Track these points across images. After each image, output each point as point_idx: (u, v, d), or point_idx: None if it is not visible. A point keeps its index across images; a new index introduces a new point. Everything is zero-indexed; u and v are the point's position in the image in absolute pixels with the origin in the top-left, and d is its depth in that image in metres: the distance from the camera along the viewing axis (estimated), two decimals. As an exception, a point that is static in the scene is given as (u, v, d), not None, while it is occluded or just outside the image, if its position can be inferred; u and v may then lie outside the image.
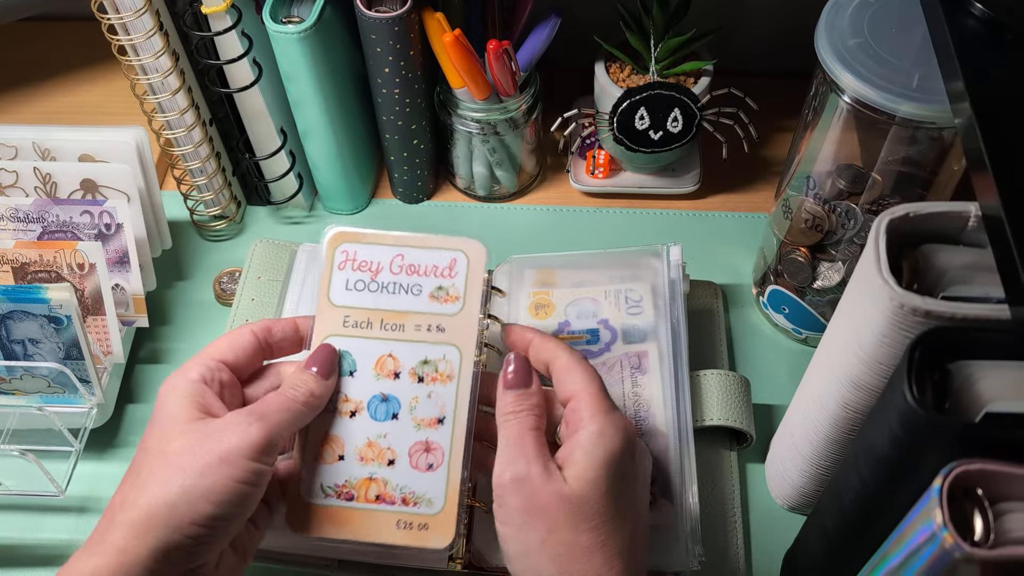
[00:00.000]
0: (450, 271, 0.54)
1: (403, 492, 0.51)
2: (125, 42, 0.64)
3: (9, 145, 0.69)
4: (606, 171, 0.78)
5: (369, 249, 0.55)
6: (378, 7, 0.67)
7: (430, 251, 0.55)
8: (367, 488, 0.51)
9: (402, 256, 0.55)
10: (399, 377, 0.53)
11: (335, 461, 0.51)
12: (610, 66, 0.74)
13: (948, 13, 0.45)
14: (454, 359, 0.53)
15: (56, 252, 0.63)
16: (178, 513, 0.44)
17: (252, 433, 0.46)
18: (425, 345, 0.53)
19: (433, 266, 0.54)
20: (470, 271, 0.54)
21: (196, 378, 0.48)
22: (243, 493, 0.45)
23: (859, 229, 0.61)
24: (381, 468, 0.51)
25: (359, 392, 0.52)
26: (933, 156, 0.57)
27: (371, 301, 0.54)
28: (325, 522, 0.51)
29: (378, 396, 0.52)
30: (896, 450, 0.40)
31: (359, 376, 0.53)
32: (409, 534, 0.51)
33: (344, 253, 0.55)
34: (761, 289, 0.70)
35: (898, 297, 0.42)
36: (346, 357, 0.53)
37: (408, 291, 0.54)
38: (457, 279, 0.54)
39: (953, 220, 0.46)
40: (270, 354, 0.53)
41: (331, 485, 0.51)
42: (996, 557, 0.36)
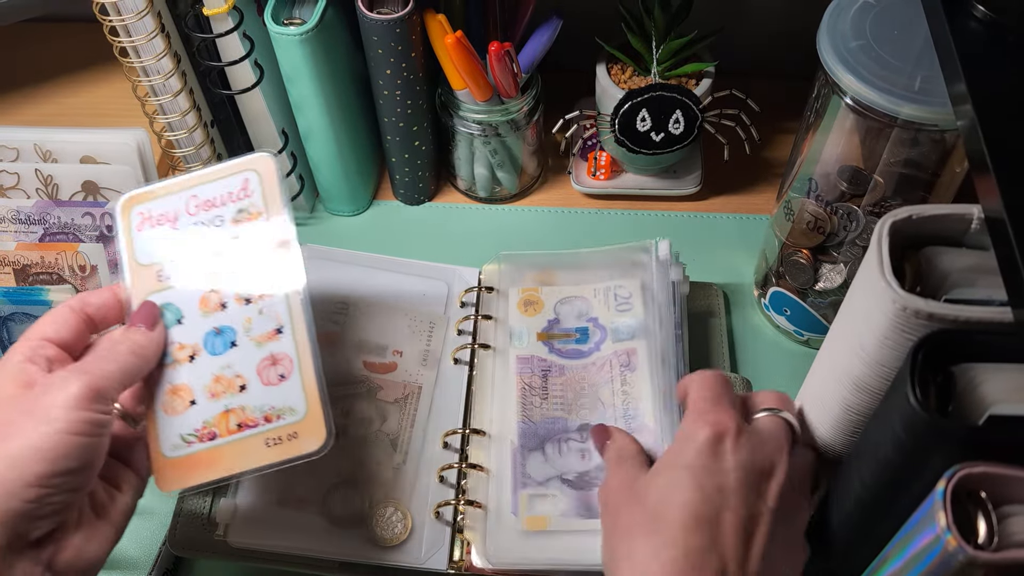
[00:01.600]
0: (245, 191, 0.54)
1: (263, 411, 0.51)
2: (127, 44, 0.64)
3: (11, 147, 0.69)
4: (607, 173, 0.78)
5: (161, 203, 0.55)
6: (380, 9, 0.67)
7: (219, 181, 0.55)
8: (227, 420, 0.51)
9: (195, 196, 0.55)
10: (226, 307, 0.52)
11: (187, 408, 0.51)
12: (612, 68, 0.74)
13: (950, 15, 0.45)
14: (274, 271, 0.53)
15: (58, 254, 0.63)
16: (10, 478, 0.42)
17: (71, 384, 0.45)
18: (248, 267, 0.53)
19: (228, 193, 0.54)
20: (264, 184, 0.54)
21: (19, 359, 0.47)
22: (77, 445, 0.44)
23: (861, 231, 0.61)
24: (235, 396, 0.51)
25: (191, 335, 0.52)
26: (935, 158, 0.57)
27: (179, 249, 0.54)
28: (195, 469, 0.50)
29: (212, 332, 0.52)
30: (899, 453, 0.40)
31: (187, 321, 0.52)
32: (280, 448, 0.50)
33: (140, 215, 0.55)
34: (763, 291, 0.70)
35: (901, 300, 0.42)
36: (169, 308, 0.52)
37: (212, 224, 0.54)
38: (254, 196, 0.54)
39: (956, 222, 0.46)
40: (94, 326, 0.52)
41: (190, 432, 0.51)
42: (1000, 560, 0.36)
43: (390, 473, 0.61)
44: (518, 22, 0.72)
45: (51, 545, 0.44)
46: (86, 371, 0.46)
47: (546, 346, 0.64)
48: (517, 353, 0.64)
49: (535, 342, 0.64)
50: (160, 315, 0.52)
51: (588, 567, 0.54)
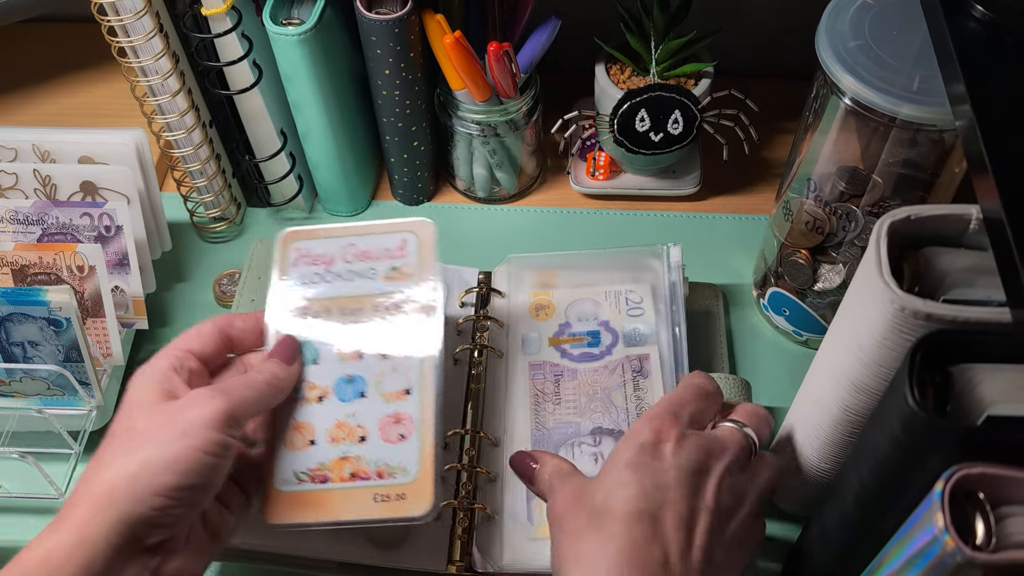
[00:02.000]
0: (401, 251, 0.57)
1: (377, 465, 0.51)
2: (125, 44, 0.64)
3: (9, 147, 0.69)
4: (606, 173, 0.78)
5: (321, 244, 0.57)
6: (378, 9, 0.67)
7: (379, 236, 0.58)
8: (341, 467, 0.51)
9: (354, 245, 0.57)
10: (363, 357, 0.54)
11: (306, 447, 0.52)
12: (610, 68, 0.74)
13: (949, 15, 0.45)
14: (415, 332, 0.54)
15: (56, 254, 0.63)
16: (140, 484, 0.44)
17: (214, 405, 0.46)
18: (385, 323, 0.55)
19: (385, 249, 0.57)
20: (421, 248, 0.57)
21: (164, 367, 0.49)
22: (206, 464, 0.45)
23: (860, 231, 0.61)
24: (353, 446, 0.52)
25: (324, 378, 0.53)
26: (934, 158, 0.57)
27: (328, 291, 0.56)
28: (302, 508, 0.51)
29: (344, 378, 0.53)
30: (897, 453, 0.40)
31: (323, 363, 0.54)
32: (387, 506, 0.51)
33: (297, 251, 0.57)
34: (762, 291, 0.70)
35: (899, 300, 0.42)
36: (307, 347, 0.54)
37: (363, 276, 0.56)
38: (409, 257, 0.56)
39: (954, 223, 0.46)
40: (232, 347, 0.54)
41: (304, 470, 0.51)
42: (998, 561, 0.36)
43: (389, 473, 0.61)
44: (517, 22, 0.72)
45: (161, 555, 0.46)
46: (227, 393, 0.47)
47: (558, 351, 0.64)
48: (530, 360, 0.64)
49: (547, 347, 0.64)
50: (299, 352, 0.54)
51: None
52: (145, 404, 0.47)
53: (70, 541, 0.43)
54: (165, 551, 0.46)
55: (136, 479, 0.44)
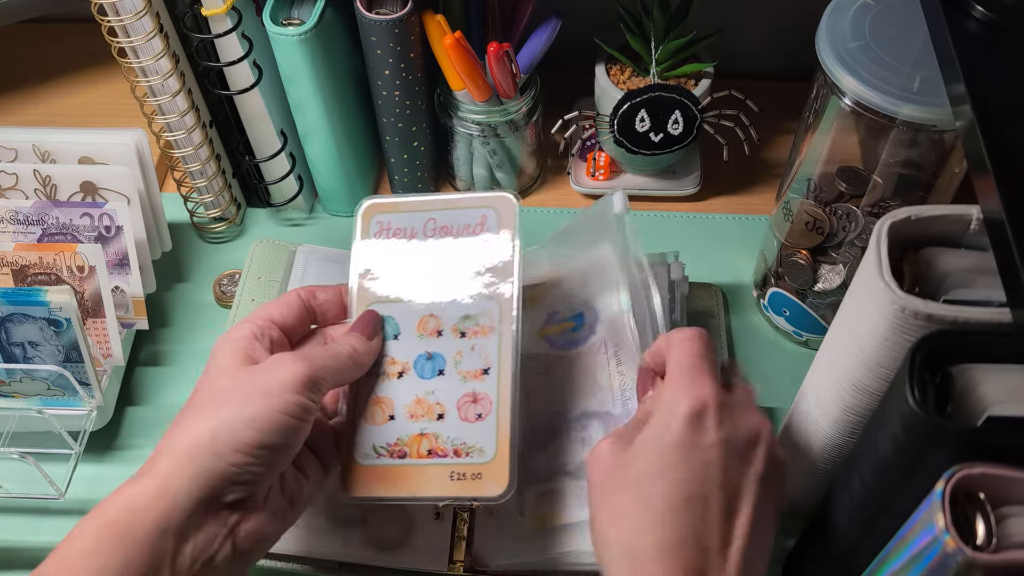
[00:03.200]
0: (481, 227, 0.56)
1: (454, 444, 0.51)
2: (125, 44, 0.64)
3: (9, 147, 0.69)
4: (607, 173, 0.78)
5: (402, 217, 0.57)
6: (378, 9, 0.67)
7: (459, 211, 0.56)
8: (419, 444, 0.52)
9: (434, 220, 0.56)
10: (442, 335, 0.54)
11: (385, 421, 0.52)
12: (611, 68, 0.74)
13: (949, 15, 0.45)
14: (493, 312, 0.53)
15: (56, 254, 0.63)
16: (220, 440, 0.45)
17: (295, 368, 0.48)
18: (464, 302, 0.54)
19: (465, 224, 0.56)
20: (501, 224, 0.55)
21: (247, 334, 0.50)
22: (285, 424, 0.46)
23: (860, 231, 0.61)
24: (431, 423, 0.52)
25: (404, 353, 0.54)
26: (934, 158, 0.57)
27: (408, 266, 0.55)
28: (380, 482, 0.51)
29: (423, 355, 0.53)
30: (898, 453, 0.40)
31: (403, 338, 0.54)
32: (463, 485, 0.51)
33: (379, 224, 0.57)
34: (762, 291, 0.70)
35: (900, 300, 0.42)
36: (389, 322, 0.54)
37: (441, 251, 0.55)
38: (488, 233, 0.55)
39: (955, 223, 0.46)
40: (314, 319, 0.55)
41: (383, 445, 0.52)
42: (998, 562, 0.36)
43: (389, 474, 0.61)
44: (517, 22, 0.72)
45: (239, 512, 0.46)
46: (308, 359, 0.49)
47: (547, 341, 0.64)
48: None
49: (536, 339, 0.64)
50: (380, 327, 0.54)
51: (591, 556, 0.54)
52: (227, 368, 0.49)
53: (153, 490, 0.44)
54: (244, 509, 0.47)
55: (217, 435, 0.45)
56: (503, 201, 0.56)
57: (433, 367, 0.53)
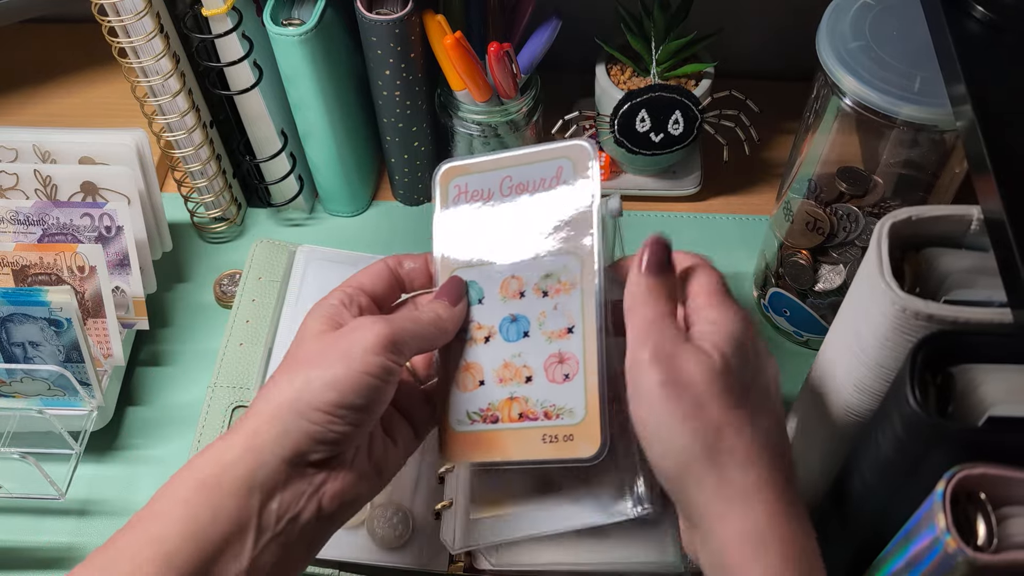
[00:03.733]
0: (557, 179, 0.54)
1: (544, 406, 0.51)
2: (126, 44, 0.64)
3: (9, 147, 0.69)
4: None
5: (479, 178, 0.55)
6: (379, 9, 0.67)
7: (535, 165, 0.54)
8: (510, 407, 0.51)
9: (510, 177, 0.54)
10: (524, 296, 0.52)
11: (476, 387, 0.52)
12: (611, 68, 0.74)
13: (949, 16, 0.45)
14: (574, 267, 0.52)
15: (56, 255, 0.63)
16: (303, 400, 0.46)
17: (376, 329, 0.48)
18: (545, 259, 0.53)
19: (540, 179, 0.54)
20: (577, 174, 0.53)
21: (335, 301, 0.51)
22: (367, 384, 0.47)
23: (860, 232, 0.61)
24: (520, 386, 0.51)
25: (490, 318, 0.53)
26: (934, 159, 0.57)
27: (488, 228, 0.54)
28: (475, 447, 0.51)
29: (507, 318, 0.52)
30: (899, 454, 0.40)
31: (487, 302, 0.53)
32: (556, 447, 0.50)
33: (457, 187, 0.55)
34: (762, 291, 0.70)
35: (900, 301, 0.42)
36: (473, 287, 0.53)
37: (521, 209, 0.54)
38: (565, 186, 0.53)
39: (955, 223, 0.46)
40: (403, 287, 0.55)
41: (475, 411, 0.52)
42: (999, 562, 0.36)
43: (389, 474, 0.61)
44: (517, 22, 0.72)
45: (325, 472, 0.47)
46: (389, 322, 0.49)
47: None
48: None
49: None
50: (465, 292, 0.53)
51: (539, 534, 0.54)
52: (313, 332, 0.49)
53: (239, 447, 0.45)
54: (329, 469, 0.47)
55: (299, 396, 0.46)
56: (578, 149, 0.53)
57: (518, 329, 0.52)
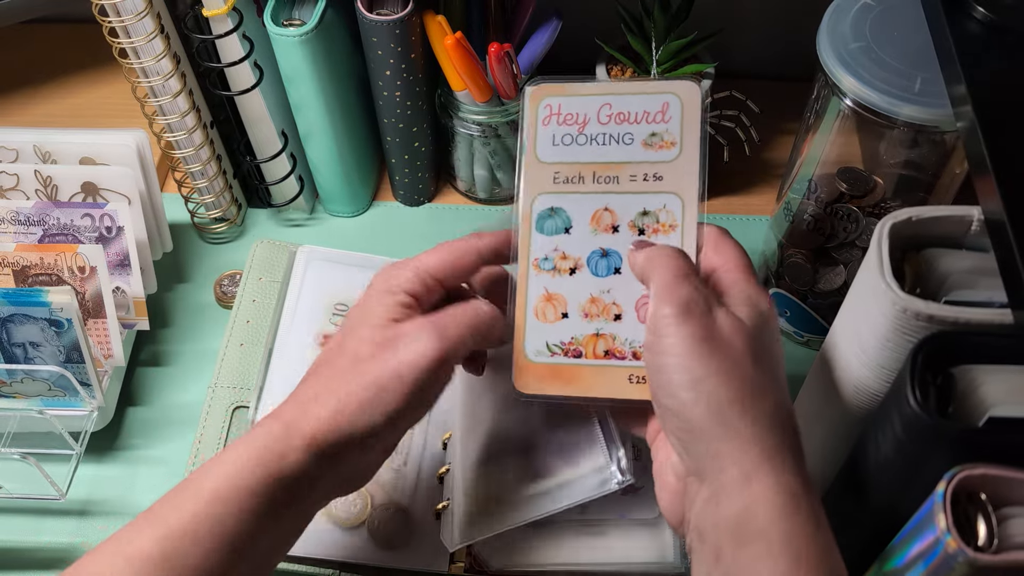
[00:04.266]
0: (663, 115, 0.51)
1: (632, 346, 0.49)
2: (126, 45, 0.64)
3: (10, 148, 0.69)
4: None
5: (573, 101, 0.53)
6: (379, 10, 0.67)
7: (639, 96, 0.52)
8: (595, 344, 0.49)
9: (610, 105, 0.52)
10: (618, 231, 0.50)
11: (558, 319, 0.50)
12: (611, 69, 0.74)
13: (950, 16, 0.45)
14: (675, 208, 0.50)
15: (57, 255, 0.63)
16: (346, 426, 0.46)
17: (428, 351, 0.47)
18: (643, 196, 0.50)
19: (644, 112, 0.51)
20: (685, 113, 0.51)
21: (407, 289, 0.49)
22: (417, 401, 0.47)
23: (861, 232, 0.61)
24: (607, 324, 0.49)
25: (577, 248, 0.51)
26: (935, 159, 0.57)
27: (581, 155, 0.52)
28: (554, 380, 0.50)
29: (598, 251, 0.50)
30: (899, 454, 0.40)
31: (575, 232, 0.51)
32: (643, 388, 0.48)
33: (548, 108, 0.53)
34: (762, 292, 0.70)
35: (901, 301, 0.42)
36: (559, 214, 0.51)
37: (619, 140, 0.51)
38: (671, 123, 0.51)
39: (956, 224, 0.46)
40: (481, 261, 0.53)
41: (557, 343, 0.50)
42: (1000, 562, 0.36)
43: (391, 474, 0.61)
44: (518, 23, 0.72)
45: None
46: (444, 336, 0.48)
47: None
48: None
49: None
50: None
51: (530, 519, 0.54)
52: (374, 322, 0.48)
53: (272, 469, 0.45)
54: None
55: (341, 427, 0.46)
56: (688, 88, 0.51)
57: (608, 265, 0.50)
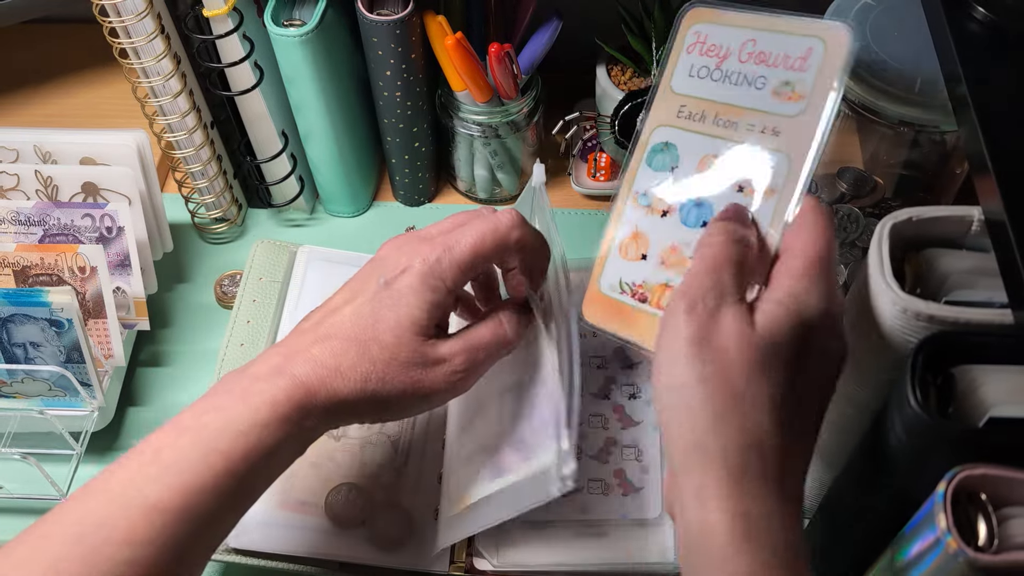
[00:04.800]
0: (803, 62, 0.47)
1: None
2: (127, 45, 0.64)
3: (10, 148, 0.69)
4: (607, 174, 0.78)
5: (722, 31, 0.49)
6: (380, 10, 0.67)
7: (786, 36, 0.47)
8: (661, 294, 0.48)
9: (754, 41, 0.48)
10: (719, 182, 0.47)
11: (637, 259, 0.49)
12: (611, 69, 0.74)
13: (950, 17, 0.45)
14: (783, 170, 0.45)
15: (57, 255, 0.63)
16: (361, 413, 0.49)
17: (461, 389, 0.50)
18: (755, 149, 0.46)
19: (784, 55, 0.47)
20: (824, 65, 0.46)
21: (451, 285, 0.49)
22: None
23: (861, 232, 0.61)
24: (678, 277, 0.47)
25: (675, 193, 0.48)
26: (935, 159, 0.57)
27: (711, 91, 0.49)
28: (616, 317, 0.49)
29: (693, 200, 0.48)
30: (900, 454, 0.40)
31: (679, 174, 0.48)
32: None
33: (696, 35, 0.50)
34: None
35: (901, 302, 0.42)
36: (670, 150, 0.49)
37: (752, 83, 0.48)
38: (808, 73, 0.46)
39: (956, 224, 0.46)
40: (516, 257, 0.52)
41: (628, 282, 0.49)
42: (1000, 562, 0.36)
43: (391, 475, 0.61)
44: (518, 23, 0.72)
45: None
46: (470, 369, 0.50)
47: None
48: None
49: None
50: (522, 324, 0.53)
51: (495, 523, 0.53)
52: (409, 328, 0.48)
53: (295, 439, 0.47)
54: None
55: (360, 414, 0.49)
56: (836, 34, 0.46)
57: (699, 216, 0.47)
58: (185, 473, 0.43)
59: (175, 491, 0.43)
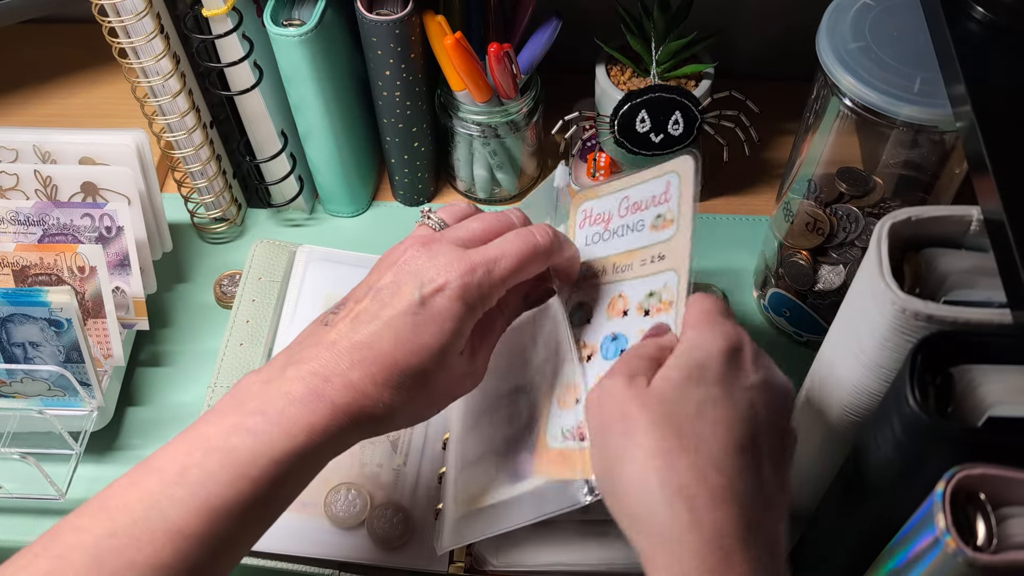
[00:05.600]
0: (665, 195, 0.53)
1: None
2: (126, 45, 0.64)
3: (10, 148, 0.69)
4: (607, 173, 0.78)
5: (602, 202, 0.56)
6: (379, 10, 0.67)
7: (649, 182, 0.54)
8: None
9: (627, 197, 0.55)
10: (627, 314, 0.52)
11: (573, 405, 0.51)
12: (611, 69, 0.74)
13: (949, 16, 0.45)
14: (673, 284, 0.50)
15: (57, 255, 0.63)
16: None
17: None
18: (649, 278, 0.51)
19: (652, 196, 0.53)
20: (682, 188, 0.52)
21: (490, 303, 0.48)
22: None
23: (860, 232, 0.61)
24: None
25: (594, 336, 0.53)
26: (934, 159, 0.57)
27: (605, 250, 0.55)
28: (562, 464, 0.50)
29: (609, 336, 0.52)
30: (898, 454, 0.40)
31: (595, 322, 0.53)
32: None
33: (584, 212, 0.57)
34: (762, 292, 0.70)
35: (900, 301, 0.42)
36: (584, 307, 0.54)
37: (634, 228, 0.54)
38: (671, 202, 0.52)
39: (955, 224, 0.46)
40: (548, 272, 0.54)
41: (569, 428, 0.51)
42: (999, 562, 0.36)
43: (391, 475, 0.61)
44: (517, 23, 0.72)
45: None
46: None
47: None
48: None
49: None
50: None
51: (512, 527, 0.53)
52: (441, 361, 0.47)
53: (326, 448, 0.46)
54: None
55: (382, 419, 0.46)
56: (683, 164, 0.52)
57: (616, 347, 0.51)
58: (213, 499, 0.42)
59: (201, 516, 0.42)
